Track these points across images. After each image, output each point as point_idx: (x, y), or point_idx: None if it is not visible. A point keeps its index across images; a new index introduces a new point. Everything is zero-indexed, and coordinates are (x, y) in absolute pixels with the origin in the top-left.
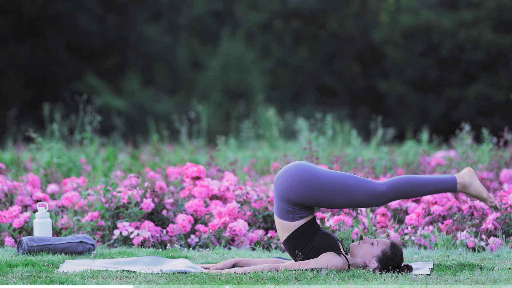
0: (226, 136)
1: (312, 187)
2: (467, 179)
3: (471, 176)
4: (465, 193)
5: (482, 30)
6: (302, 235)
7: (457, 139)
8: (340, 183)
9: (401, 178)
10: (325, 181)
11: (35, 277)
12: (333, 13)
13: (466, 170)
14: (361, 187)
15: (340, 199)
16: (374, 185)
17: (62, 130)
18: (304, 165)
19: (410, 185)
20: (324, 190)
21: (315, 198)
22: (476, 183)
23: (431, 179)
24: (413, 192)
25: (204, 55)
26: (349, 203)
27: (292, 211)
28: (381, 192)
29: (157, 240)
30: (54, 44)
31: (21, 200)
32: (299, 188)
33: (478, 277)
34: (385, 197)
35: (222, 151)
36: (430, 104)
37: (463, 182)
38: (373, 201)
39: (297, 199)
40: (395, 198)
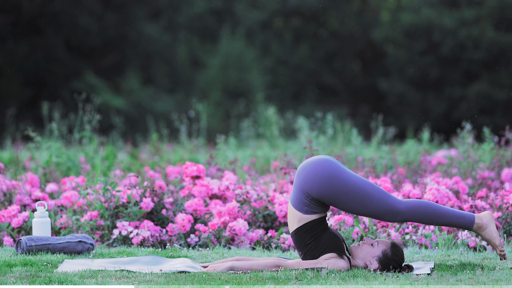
0: (226, 135)
1: (335, 186)
2: (485, 221)
3: (490, 220)
4: (479, 234)
5: (484, 28)
6: (310, 230)
7: (458, 138)
8: (362, 189)
9: (422, 203)
10: (348, 184)
11: (34, 277)
12: (333, 11)
13: (487, 213)
14: (381, 200)
15: (357, 205)
16: (394, 202)
17: (61, 129)
18: (332, 162)
19: (429, 212)
20: (345, 192)
21: (334, 198)
22: (492, 228)
23: (451, 212)
24: (430, 219)
25: (204, 54)
26: (364, 212)
27: (308, 203)
28: (399, 210)
29: (157, 240)
30: (53, 42)
31: (20, 200)
32: (322, 183)
33: (479, 276)
34: (401, 217)
35: (222, 150)
36: (431, 103)
37: (480, 223)
38: (387, 217)
39: (316, 194)
40: (409, 220)
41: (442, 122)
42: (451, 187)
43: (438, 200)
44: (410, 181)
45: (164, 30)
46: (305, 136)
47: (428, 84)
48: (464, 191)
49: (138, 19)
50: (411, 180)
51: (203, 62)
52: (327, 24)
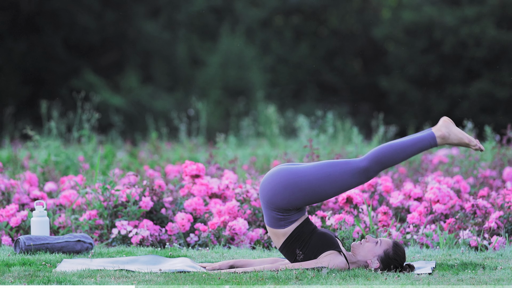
0: (226, 133)
1: (297, 188)
2: (444, 130)
3: (448, 125)
4: (447, 144)
5: (485, 26)
6: (297, 239)
7: None
8: (322, 174)
9: (380, 148)
10: (308, 178)
11: (32, 277)
12: (334, 9)
13: (442, 121)
14: (344, 171)
15: (328, 190)
16: (356, 163)
17: (60, 128)
18: (283, 169)
19: (391, 152)
20: (309, 187)
21: (303, 198)
22: (454, 131)
23: (410, 140)
24: (396, 158)
25: (203, 52)
26: (338, 190)
27: (282, 217)
28: (365, 168)
29: (156, 239)
30: (52, 40)
31: (18, 199)
32: (284, 192)
33: (480, 276)
34: (371, 171)
35: (222, 149)
36: (432, 101)
37: (441, 135)
38: (361, 179)
39: (285, 205)
40: (380, 169)
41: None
42: (453, 186)
43: (440, 199)
44: (411, 180)
45: (163, 28)
46: (306, 134)
47: (429, 82)
48: (466, 190)
49: (138, 17)
50: (412, 179)
51: (203, 60)
52: (328, 22)
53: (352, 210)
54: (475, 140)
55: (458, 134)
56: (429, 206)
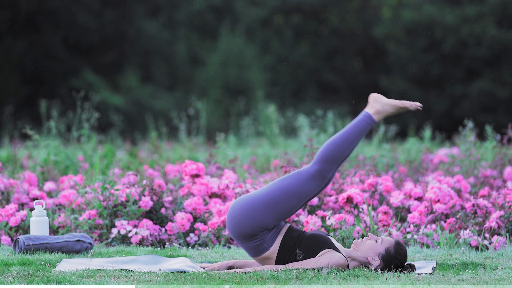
0: (226, 133)
1: (257, 211)
2: (377, 105)
3: (378, 99)
4: (386, 116)
5: (486, 25)
6: (287, 251)
7: (460, 136)
8: (277, 190)
9: (324, 147)
10: (264, 199)
11: (31, 276)
12: (334, 8)
13: (371, 99)
14: (298, 181)
15: (289, 203)
16: (307, 171)
17: (59, 127)
18: (238, 201)
19: (335, 146)
20: (269, 206)
21: (268, 218)
22: (386, 102)
23: (349, 128)
24: (342, 150)
25: (203, 51)
26: (300, 200)
27: (260, 241)
28: (316, 171)
29: (156, 239)
30: (51, 40)
31: (17, 198)
32: (247, 220)
33: (481, 276)
34: (325, 172)
35: (222, 148)
36: (433, 100)
37: (376, 110)
38: (318, 183)
39: (254, 230)
40: (332, 166)
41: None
42: (453, 185)
43: (440, 199)
44: (411, 179)
45: (163, 27)
46: (306, 134)
47: (429, 81)
48: (466, 190)
49: (137, 16)
50: (413, 178)
51: (203, 59)
52: (328, 21)
53: (352, 209)
54: (409, 102)
55: (390, 103)
56: (429, 205)
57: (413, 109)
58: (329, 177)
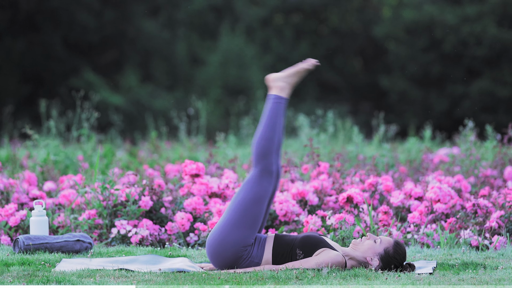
0: (226, 133)
1: (230, 236)
2: (277, 84)
3: (275, 79)
4: (292, 87)
5: (486, 25)
6: (282, 255)
7: (460, 136)
8: (237, 207)
9: (253, 147)
10: (230, 221)
11: (31, 276)
12: (334, 7)
13: (269, 82)
14: (251, 187)
15: (253, 211)
16: (252, 176)
17: (59, 127)
18: (209, 238)
19: (261, 139)
20: (238, 225)
21: (243, 234)
22: (283, 75)
23: (267, 117)
24: (269, 138)
25: (203, 51)
26: (260, 205)
27: (250, 260)
28: (259, 170)
29: (156, 239)
30: (51, 39)
31: (17, 198)
32: (226, 248)
33: (481, 276)
34: (267, 166)
35: (222, 148)
36: (433, 100)
37: (279, 89)
38: (268, 179)
39: (237, 252)
40: (270, 158)
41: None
42: (453, 185)
43: (441, 199)
44: (412, 179)
45: (163, 27)
46: (306, 134)
47: (430, 81)
48: (467, 190)
49: (137, 15)
50: (413, 178)
51: (203, 59)
52: (328, 20)
53: (352, 209)
54: (302, 63)
55: (288, 74)
56: (430, 205)
57: (311, 68)
58: (275, 169)
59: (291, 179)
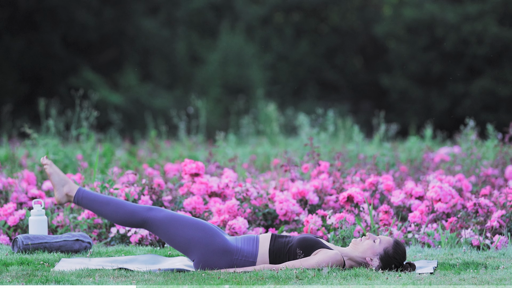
0: (226, 132)
1: (191, 241)
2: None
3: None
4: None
5: (487, 23)
6: (279, 256)
7: (461, 135)
8: (177, 221)
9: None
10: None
11: (30, 276)
12: (334, 6)
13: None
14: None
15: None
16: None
17: (58, 126)
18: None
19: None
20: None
21: (204, 239)
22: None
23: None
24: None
25: (203, 49)
26: (190, 224)
27: (241, 259)
28: (149, 212)
29: (155, 238)
30: (50, 38)
31: (16, 197)
32: (211, 263)
33: (483, 276)
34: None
35: (222, 147)
36: (434, 99)
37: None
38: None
39: (224, 259)
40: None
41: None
42: (454, 184)
43: (441, 198)
44: (412, 178)
45: (162, 25)
46: (306, 133)
47: (430, 80)
48: (468, 189)
49: (136, 14)
50: (414, 177)
51: (202, 57)
52: (328, 19)
53: (353, 209)
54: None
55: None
56: (430, 205)
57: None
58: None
59: (291, 178)
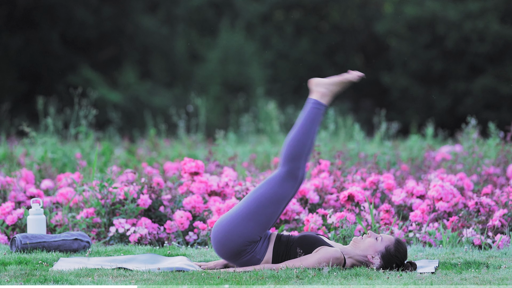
0: (225, 130)
1: (239, 228)
2: (320, 89)
3: (318, 84)
4: (333, 95)
5: (489, 21)
6: (282, 254)
7: (463, 133)
8: (253, 201)
9: (285, 146)
10: (242, 213)
11: (28, 276)
12: (335, 3)
13: (312, 84)
14: (272, 187)
15: (267, 211)
16: (276, 175)
17: (57, 124)
18: (218, 223)
19: (294, 143)
20: (249, 219)
21: (251, 231)
22: (327, 82)
23: (303, 121)
24: (303, 143)
25: (202, 47)
26: (277, 205)
27: (252, 255)
28: (285, 172)
29: (154, 238)
30: (48, 35)
31: (14, 196)
32: (232, 240)
33: (484, 275)
34: (294, 169)
35: (221, 145)
36: (435, 97)
37: (321, 94)
38: (291, 184)
39: (242, 246)
40: (299, 163)
41: (446, 117)
42: (456, 183)
43: (443, 197)
44: (413, 177)
45: (162, 23)
46: None
47: (432, 78)
48: (469, 188)
49: (135, 11)
50: (415, 176)
51: (202, 55)
52: (329, 16)
53: (353, 208)
54: (347, 74)
55: (332, 81)
56: (432, 204)
57: (356, 80)
58: (301, 175)
59: None
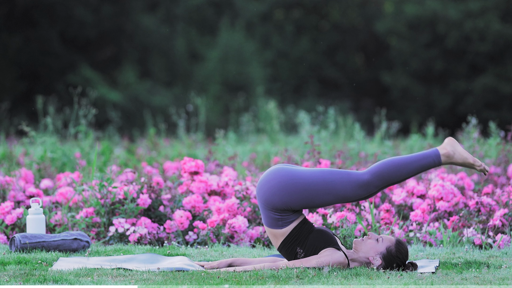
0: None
1: (294, 190)
2: (449, 149)
3: (453, 145)
4: (451, 164)
5: (489, 20)
6: (296, 239)
7: (463, 132)
8: (322, 180)
9: (384, 163)
10: (307, 182)
11: (28, 276)
12: (335, 2)
13: (447, 140)
14: (345, 181)
15: (325, 197)
16: (357, 176)
17: (56, 124)
18: (282, 169)
19: (394, 167)
20: (307, 190)
21: (300, 201)
22: (459, 150)
23: (414, 157)
24: (399, 174)
25: (202, 46)
26: (335, 199)
27: (280, 218)
28: (366, 181)
29: (154, 237)
30: (48, 35)
31: (13, 196)
32: (281, 193)
33: (485, 275)
34: (372, 186)
35: (221, 145)
36: (436, 96)
37: (446, 153)
38: (360, 193)
39: (281, 205)
40: (382, 184)
41: (447, 116)
42: (456, 183)
43: (443, 196)
44: (414, 177)
45: (161, 22)
46: (307, 130)
47: (432, 77)
48: (470, 187)
49: (135, 10)
50: (415, 176)
51: (202, 55)
52: (329, 16)
53: (354, 207)
54: (479, 161)
55: (463, 153)
56: (432, 203)
57: (478, 169)
58: (372, 192)
59: None
